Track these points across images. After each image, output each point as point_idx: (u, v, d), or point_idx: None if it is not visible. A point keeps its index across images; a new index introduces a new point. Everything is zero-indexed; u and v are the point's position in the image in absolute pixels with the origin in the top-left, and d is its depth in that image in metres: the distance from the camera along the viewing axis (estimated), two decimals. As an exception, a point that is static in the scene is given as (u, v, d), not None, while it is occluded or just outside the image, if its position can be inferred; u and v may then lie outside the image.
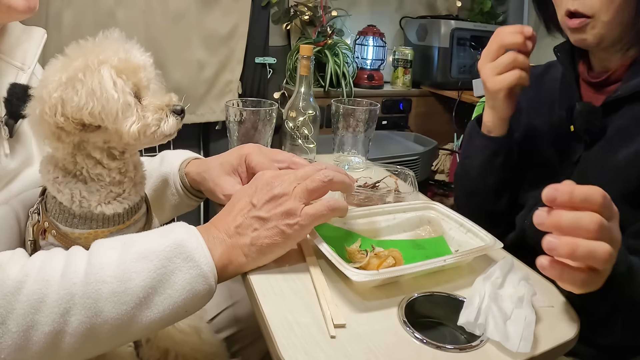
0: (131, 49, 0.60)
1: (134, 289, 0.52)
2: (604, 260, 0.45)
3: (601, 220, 0.45)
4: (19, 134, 0.69)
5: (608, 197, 0.48)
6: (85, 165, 0.58)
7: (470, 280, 0.58)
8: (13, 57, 0.72)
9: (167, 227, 0.58)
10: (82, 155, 0.58)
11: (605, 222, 0.46)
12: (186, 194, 0.81)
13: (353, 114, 1.01)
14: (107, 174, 0.59)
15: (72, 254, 0.54)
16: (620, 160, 0.75)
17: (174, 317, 0.55)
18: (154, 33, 1.77)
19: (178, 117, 0.62)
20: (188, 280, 0.54)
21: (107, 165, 0.59)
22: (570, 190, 0.46)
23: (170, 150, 0.86)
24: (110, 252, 0.53)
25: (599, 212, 0.46)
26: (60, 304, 0.49)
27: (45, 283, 0.50)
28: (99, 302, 0.50)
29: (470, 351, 0.50)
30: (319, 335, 0.50)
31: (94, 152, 0.58)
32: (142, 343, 0.71)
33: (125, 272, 0.52)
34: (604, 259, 0.45)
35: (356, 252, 0.64)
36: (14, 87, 0.66)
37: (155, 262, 0.53)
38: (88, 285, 0.50)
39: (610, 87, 0.80)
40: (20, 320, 0.48)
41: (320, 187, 0.61)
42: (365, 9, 2.32)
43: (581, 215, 0.46)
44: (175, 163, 0.81)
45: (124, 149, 0.61)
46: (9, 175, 0.66)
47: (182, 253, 0.54)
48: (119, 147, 0.60)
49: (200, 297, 0.55)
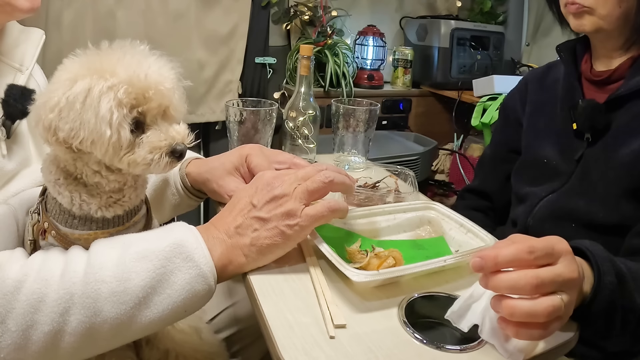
0: (154, 64, 0.56)
1: (133, 289, 0.51)
2: (546, 315, 0.45)
3: (536, 278, 0.45)
4: (17, 135, 0.69)
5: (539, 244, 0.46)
6: (84, 172, 0.58)
7: (471, 280, 0.58)
8: (11, 58, 0.72)
9: (166, 227, 0.58)
10: (82, 162, 0.57)
11: (543, 275, 0.45)
12: (186, 194, 0.81)
13: (353, 114, 1.01)
14: (106, 183, 0.58)
15: (72, 254, 0.54)
16: (623, 157, 0.75)
17: (173, 317, 0.55)
18: (153, 33, 1.77)
19: (174, 159, 0.57)
20: (187, 280, 0.54)
21: (106, 177, 0.58)
22: (494, 257, 0.46)
23: None
24: (109, 252, 0.53)
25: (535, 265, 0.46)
26: (60, 303, 0.49)
27: (45, 282, 0.50)
28: (98, 302, 0.50)
29: (470, 351, 0.50)
30: (319, 335, 0.50)
31: (91, 164, 0.57)
32: (142, 344, 0.70)
33: (124, 272, 0.52)
34: (546, 314, 0.45)
35: (356, 253, 0.64)
36: (11, 89, 0.66)
37: (155, 262, 0.53)
38: (87, 285, 0.50)
39: (612, 85, 0.81)
40: (20, 319, 0.48)
41: (320, 188, 0.61)
42: (365, 9, 2.32)
43: (517, 278, 0.45)
44: None
45: None
46: (6, 176, 0.66)
47: (182, 253, 0.54)
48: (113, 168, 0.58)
49: (200, 297, 0.55)
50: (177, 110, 0.59)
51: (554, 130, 0.88)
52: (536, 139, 0.91)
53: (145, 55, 0.57)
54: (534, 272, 0.45)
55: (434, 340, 0.50)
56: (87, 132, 0.51)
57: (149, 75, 0.54)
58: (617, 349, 0.61)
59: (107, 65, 0.53)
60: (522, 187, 0.92)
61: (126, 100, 0.53)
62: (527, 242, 0.47)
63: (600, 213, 0.77)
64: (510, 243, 0.47)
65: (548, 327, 0.46)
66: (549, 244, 0.48)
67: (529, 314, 0.45)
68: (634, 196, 0.74)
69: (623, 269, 0.56)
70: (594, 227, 0.77)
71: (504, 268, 0.46)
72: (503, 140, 1.04)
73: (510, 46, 2.42)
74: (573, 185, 0.82)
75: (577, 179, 0.81)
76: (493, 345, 0.50)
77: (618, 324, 0.55)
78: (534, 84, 0.97)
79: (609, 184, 0.76)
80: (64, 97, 0.51)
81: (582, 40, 0.88)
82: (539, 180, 0.88)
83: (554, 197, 0.84)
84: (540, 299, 0.45)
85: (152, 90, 0.54)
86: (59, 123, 0.52)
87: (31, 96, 0.65)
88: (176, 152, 0.57)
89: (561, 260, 0.48)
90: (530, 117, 0.95)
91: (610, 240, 0.69)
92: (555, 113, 0.89)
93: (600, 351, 0.73)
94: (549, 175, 0.86)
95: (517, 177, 0.95)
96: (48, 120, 0.52)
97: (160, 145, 0.56)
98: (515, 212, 0.93)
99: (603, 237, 0.73)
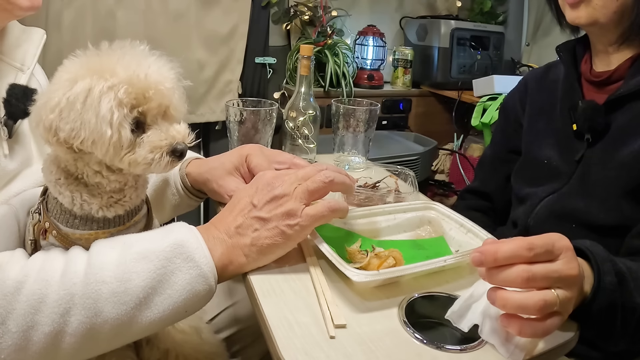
0: (153, 64, 0.56)
1: (133, 289, 0.51)
2: (538, 308, 0.46)
3: (528, 271, 0.46)
4: (18, 135, 0.69)
5: (539, 241, 0.47)
6: (85, 172, 0.58)
7: (471, 280, 0.58)
8: (12, 57, 0.72)
9: (167, 227, 0.58)
10: (83, 162, 0.57)
11: (535, 269, 0.46)
12: (186, 194, 0.81)
13: (353, 114, 1.01)
14: (107, 183, 0.58)
15: (72, 254, 0.54)
16: (623, 158, 0.75)
17: (174, 317, 0.55)
18: (153, 33, 1.77)
19: (175, 158, 0.57)
20: (188, 281, 0.54)
21: (107, 177, 0.58)
22: (494, 252, 0.47)
23: None
24: (110, 252, 0.53)
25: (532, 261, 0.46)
26: (60, 304, 0.49)
27: (45, 283, 0.50)
28: (98, 303, 0.50)
29: (470, 351, 0.50)
30: (319, 335, 0.50)
31: (92, 164, 0.57)
32: (142, 344, 0.70)
33: (125, 272, 0.52)
34: (537, 307, 0.46)
35: (356, 253, 0.64)
36: (13, 88, 0.66)
37: (155, 262, 0.53)
38: (88, 285, 0.50)
39: (612, 85, 0.81)
40: (20, 320, 0.48)
41: (321, 188, 0.61)
42: (365, 9, 2.32)
43: (510, 271, 0.46)
44: None
45: None
46: (8, 176, 0.66)
47: (183, 253, 0.54)
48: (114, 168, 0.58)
49: (201, 297, 0.55)
50: (177, 110, 0.59)
51: (553, 131, 0.88)
52: (536, 139, 0.91)
53: (145, 55, 0.57)
54: (527, 266, 0.46)
55: (434, 340, 0.50)
56: (87, 132, 0.51)
57: (148, 75, 0.54)
58: (617, 349, 0.61)
59: (107, 66, 0.53)
60: (522, 188, 0.92)
61: (126, 100, 0.53)
62: (528, 239, 0.47)
63: (601, 214, 0.77)
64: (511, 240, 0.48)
65: (546, 322, 0.47)
66: (550, 241, 0.48)
67: (520, 306, 0.46)
68: (634, 197, 0.74)
69: (623, 268, 0.56)
70: (595, 227, 0.77)
71: (503, 263, 0.47)
72: (503, 140, 1.04)
73: (510, 46, 2.42)
74: (573, 186, 0.82)
75: (577, 180, 0.81)
76: (493, 345, 0.50)
77: (619, 324, 0.55)
78: (533, 85, 0.97)
79: (609, 185, 0.76)
80: (65, 97, 0.51)
81: (581, 41, 0.88)
82: (539, 181, 0.88)
83: (555, 197, 0.84)
84: (532, 292, 0.46)
85: (152, 90, 0.54)
86: (60, 123, 0.51)
87: (33, 96, 0.65)
88: (177, 151, 0.57)
89: (561, 257, 0.48)
90: (530, 117, 0.95)
91: (611, 241, 0.69)
92: (555, 114, 0.89)
93: (600, 351, 0.74)
94: (550, 176, 0.86)
95: (517, 178, 0.95)
96: (49, 120, 0.52)
97: (160, 145, 0.56)
98: (516, 212, 0.93)
99: (604, 237, 0.73)
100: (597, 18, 0.75)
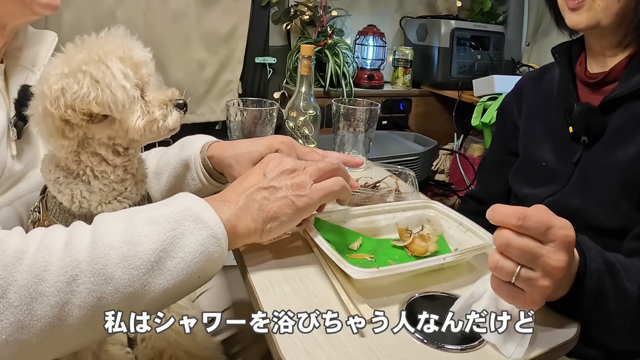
0: (133, 45, 0.60)
1: (145, 252, 0.48)
2: (492, 267, 0.48)
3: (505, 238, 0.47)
4: (28, 136, 0.69)
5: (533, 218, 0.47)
6: (90, 164, 0.58)
7: (470, 279, 0.58)
8: (24, 59, 0.72)
9: (170, 198, 0.56)
10: (87, 153, 0.58)
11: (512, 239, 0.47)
12: (206, 177, 0.78)
13: (353, 114, 1.01)
14: (112, 170, 0.59)
15: (75, 225, 0.51)
16: (620, 159, 0.75)
17: (187, 284, 0.52)
18: (154, 33, 1.77)
19: (181, 111, 0.63)
20: (200, 242, 0.52)
21: (112, 162, 0.59)
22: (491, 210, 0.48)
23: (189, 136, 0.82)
24: (115, 220, 0.51)
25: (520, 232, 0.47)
26: (66, 271, 0.46)
27: (49, 251, 0.46)
28: (108, 268, 0.47)
29: (470, 351, 0.50)
30: (320, 335, 0.50)
31: (99, 148, 0.59)
32: (137, 342, 0.70)
33: (134, 235, 0.49)
34: (492, 266, 0.48)
35: (403, 231, 0.68)
36: (24, 89, 0.66)
37: (165, 225, 0.51)
38: (95, 250, 0.47)
39: (607, 87, 0.80)
40: (23, 291, 0.44)
41: (329, 169, 0.63)
42: (365, 9, 2.32)
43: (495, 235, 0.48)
44: (197, 146, 0.78)
45: (128, 145, 0.61)
46: (14, 176, 0.66)
47: (191, 215, 0.52)
48: (124, 143, 0.60)
49: (214, 260, 0.53)
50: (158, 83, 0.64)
51: (550, 133, 0.88)
52: (533, 142, 0.91)
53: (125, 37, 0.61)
54: (509, 233, 0.47)
55: (434, 340, 0.50)
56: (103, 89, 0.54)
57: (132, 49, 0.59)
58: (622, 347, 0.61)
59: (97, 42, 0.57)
60: (521, 188, 0.92)
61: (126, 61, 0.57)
62: (524, 211, 0.47)
63: (601, 215, 0.77)
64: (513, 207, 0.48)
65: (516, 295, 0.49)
66: (547, 223, 0.47)
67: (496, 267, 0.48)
68: (631, 198, 0.73)
69: (612, 258, 0.56)
70: (596, 229, 0.77)
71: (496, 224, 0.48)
72: (502, 143, 1.03)
73: (510, 46, 2.42)
74: (572, 187, 0.82)
75: (576, 182, 0.81)
76: (493, 345, 0.50)
77: (614, 313, 0.54)
78: (529, 87, 0.97)
79: (607, 186, 0.76)
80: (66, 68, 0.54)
81: (576, 42, 0.88)
82: (538, 183, 0.88)
83: (555, 199, 0.84)
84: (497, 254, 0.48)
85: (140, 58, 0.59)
86: (67, 88, 0.53)
87: None
88: (180, 104, 0.63)
89: (552, 245, 0.47)
90: (527, 120, 0.94)
91: (612, 242, 0.69)
92: (551, 116, 0.89)
93: (601, 351, 0.73)
94: (549, 178, 0.86)
95: (515, 179, 0.95)
96: (54, 91, 0.53)
97: (165, 100, 0.61)
98: None
99: (604, 239, 0.73)
100: (599, 20, 0.75)
